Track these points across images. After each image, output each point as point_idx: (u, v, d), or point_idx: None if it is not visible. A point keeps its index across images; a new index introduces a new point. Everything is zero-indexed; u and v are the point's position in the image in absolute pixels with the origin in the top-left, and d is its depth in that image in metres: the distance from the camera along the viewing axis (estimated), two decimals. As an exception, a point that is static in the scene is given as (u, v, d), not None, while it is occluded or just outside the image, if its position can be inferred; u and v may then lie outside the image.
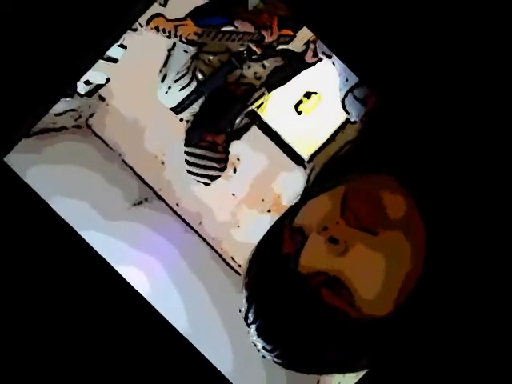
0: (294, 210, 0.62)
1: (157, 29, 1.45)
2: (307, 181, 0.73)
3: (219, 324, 1.96)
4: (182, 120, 1.70)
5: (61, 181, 1.89)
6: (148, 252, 2.03)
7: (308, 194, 0.65)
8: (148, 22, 1.44)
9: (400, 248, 0.56)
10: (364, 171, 0.61)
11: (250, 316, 0.60)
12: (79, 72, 0.68)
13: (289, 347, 0.59)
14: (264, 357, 0.62)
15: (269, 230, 0.65)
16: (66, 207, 1.72)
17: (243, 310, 0.62)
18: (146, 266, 1.98)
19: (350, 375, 0.63)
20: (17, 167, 0.70)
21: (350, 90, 0.86)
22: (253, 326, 0.60)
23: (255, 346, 0.62)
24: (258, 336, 0.60)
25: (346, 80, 0.90)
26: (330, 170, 0.70)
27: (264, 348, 0.60)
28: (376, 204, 0.57)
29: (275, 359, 0.61)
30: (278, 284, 0.58)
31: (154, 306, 0.68)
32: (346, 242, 0.55)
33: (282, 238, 0.60)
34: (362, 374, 0.62)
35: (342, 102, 0.89)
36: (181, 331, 0.68)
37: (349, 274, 0.55)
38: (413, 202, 0.57)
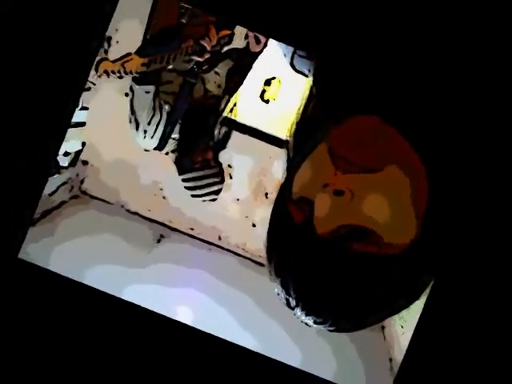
0: (287, 185, 0.62)
1: (106, 73, 1.46)
2: (288, 154, 0.73)
3: (274, 324, 1.95)
4: (167, 153, 1.75)
5: (79, 254, 1.92)
6: (185, 285, 2.04)
7: (293, 164, 0.64)
8: (96, 69, 1.46)
9: (400, 175, 0.56)
10: (337, 120, 0.60)
11: (291, 299, 0.59)
12: (54, 149, 0.70)
13: (338, 310, 0.58)
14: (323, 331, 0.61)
15: (272, 215, 0.66)
16: (94, 278, 1.77)
17: (282, 296, 0.61)
18: (189, 300, 1.99)
19: (408, 312, 0.63)
20: (35, 258, 0.71)
21: (294, 52, 0.89)
22: (297, 308, 0.59)
23: (307, 325, 0.61)
24: (307, 314, 0.59)
25: (287, 47, 0.92)
26: (304, 132, 0.69)
27: (316, 322, 0.60)
28: (362, 143, 0.57)
29: (331, 328, 0.60)
30: (304, 256, 0.57)
31: (216, 335, 0.70)
32: (350, 189, 0.55)
33: (289, 213, 0.60)
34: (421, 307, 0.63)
35: (292, 65, 0.92)
36: (248, 347, 0.69)
37: (365, 217, 0.55)
38: (395, 132, 0.57)
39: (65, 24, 0.67)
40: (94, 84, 1.94)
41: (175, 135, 1.69)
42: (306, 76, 0.89)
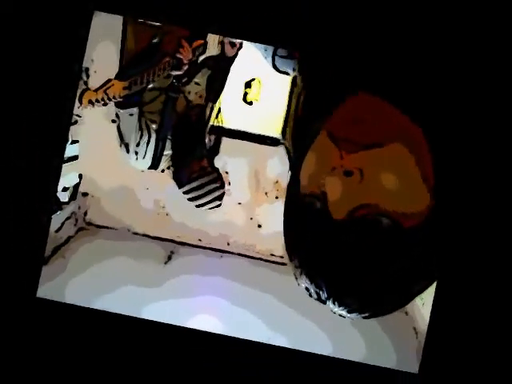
0: (294, 183, 0.62)
1: (90, 103, 1.46)
2: (288, 153, 0.73)
3: (298, 316, 1.94)
4: (163, 171, 1.76)
5: (95, 283, 1.94)
6: (203, 295, 2.05)
7: (296, 161, 0.63)
8: (80, 101, 1.47)
9: (405, 150, 0.55)
10: (331, 107, 0.60)
11: (322, 292, 0.58)
12: (53, 186, 0.71)
13: (371, 295, 0.58)
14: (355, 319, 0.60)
15: (285, 215, 0.64)
16: (113, 303, 1.79)
17: (312, 291, 0.60)
18: (211, 308, 1.99)
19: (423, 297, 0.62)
20: (53, 295, 0.71)
21: (274, 54, 0.89)
22: (329, 300, 0.58)
23: (342, 316, 0.60)
24: (340, 305, 0.58)
25: (265, 50, 0.94)
26: (301, 129, 0.69)
27: (350, 311, 0.59)
28: (361, 120, 0.57)
29: (365, 315, 0.59)
30: (327, 246, 0.56)
31: (246, 339, 0.70)
32: (359, 168, 0.55)
33: (302, 208, 0.59)
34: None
35: (274, 67, 0.92)
36: (277, 344, 0.70)
37: (377, 194, 0.54)
38: (389, 106, 0.57)
39: (41, 62, 0.69)
40: (80, 116, 1.96)
41: (167, 151, 1.70)
42: (289, 75, 0.90)
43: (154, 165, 1.68)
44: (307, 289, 0.61)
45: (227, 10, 0.67)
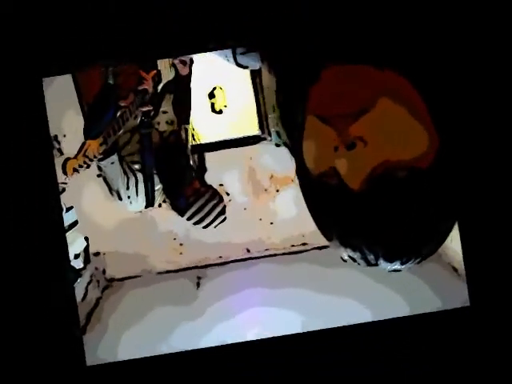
0: (301, 168, 0.63)
1: (75, 170, 1.48)
2: (286, 144, 0.73)
3: (343, 298, 1.94)
4: (160, 205, 1.77)
5: (139, 335, 1.94)
6: (246, 308, 2.05)
7: (295, 148, 0.65)
8: (65, 173, 1.47)
9: (394, 104, 0.56)
10: (305, 86, 0.61)
11: (370, 257, 0.60)
12: (64, 259, 0.71)
13: (412, 240, 0.59)
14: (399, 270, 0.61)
15: (306, 200, 0.65)
16: (169, 345, 1.77)
17: (359, 259, 0.61)
18: (260, 319, 1.99)
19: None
20: (105, 358, 0.73)
21: (234, 54, 0.88)
22: (380, 260, 0.60)
23: (396, 271, 0.62)
24: (391, 261, 0.60)
25: (226, 55, 0.91)
26: (285, 117, 0.70)
27: (403, 263, 0.60)
28: (342, 92, 0.57)
29: (418, 260, 0.61)
30: (357, 213, 0.57)
31: (310, 330, 0.71)
32: (359, 137, 0.56)
33: (320, 187, 0.60)
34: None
35: (238, 64, 0.90)
36: (326, 327, 0.72)
37: (385, 151, 0.56)
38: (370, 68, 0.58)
39: (9, 144, 0.69)
40: (66, 183, 1.96)
41: (158, 186, 1.71)
42: (259, 68, 0.90)
43: (150, 203, 1.69)
44: (353, 259, 0.62)
45: (166, 31, 0.67)
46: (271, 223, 2.33)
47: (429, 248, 0.61)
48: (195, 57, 1.75)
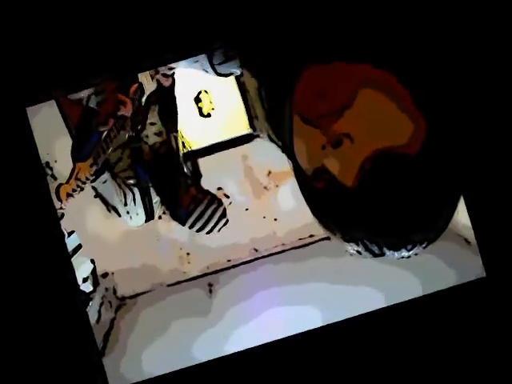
0: (297, 168, 0.64)
1: (69, 195, 1.48)
2: (278, 145, 0.74)
3: (359, 288, 1.92)
4: (160, 217, 1.77)
5: (160, 349, 1.94)
6: (262, 310, 2.03)
7: (288, 147, 0.65)
8: (59, 199, 1.47)
9: (374, 92, 0.56)
10: (288, 87, 0.61)
11: (375, 248, 0.61)
12: (73, 285, 0.71)
13: (417, 225, 0.59)
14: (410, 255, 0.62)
15: (305, 197, 0.66)
16: (193, 356, 1.76)
17: (364, 252, 0.62)
18: (276, 320, 1.98)
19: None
20: (128, 379, 0.73)
21: (211, 64, 0.89)
22: (385, 250, 0.61)
23: (405, 257, 0.62)
24: (397, 249, 0.60)
25: (203, 69, 0.93)
26: (275, 119, 0.70)
27: (409, 249, 0.60)
28: (323, 92, 0.57)
29: (424, 245, 0.61)
30: (356, 206, 0.58)
31: (334, 321, 0.72)
32: (345, 134, 0.56)
33: (317, 185, 0.61)
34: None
35: (219, 74, 0.92)
36: (346, 317, 0.73)
37: (373, 142, 0.56)
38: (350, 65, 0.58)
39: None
40: (63, 208, 1.95)
41: (155, 199, 1.70)
42: (240, 74, 0.90)
43: (150, 216, 1.69)
44: (359, 252, 0.63)
45: (146, 43, 0.67)
46: (275, 219, 2.32)
47: (432, 232, 0.61)
48: (176, 65, 1.74)
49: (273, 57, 0.67)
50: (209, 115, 2.15)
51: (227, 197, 2.21)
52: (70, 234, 1.97)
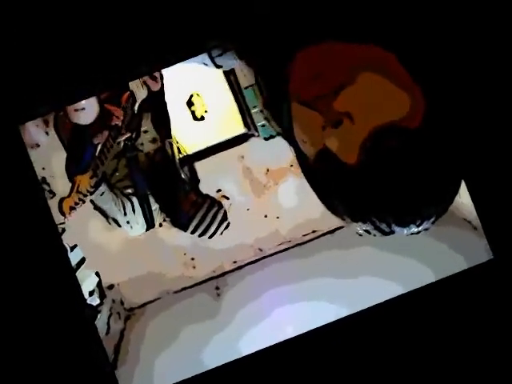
0: (300, 155, 0.64)
1: (72, 209, 1.49)
2: (281, 135, 0.73)
3: (367, 278, 1.89)
4: (161, 225, 1.76)
5: (171, 359, 1.92)
6: (272, 310, 2.01)
7: (288, 136, 0.66)
8: (62, 213, 1.48)
9: (375, 76, 0.57)
10: (283, 74, 0.61)
11: (383, 226, 0.61)
12: (80, 300, 0.72)
13: (425, 200, 0.59)
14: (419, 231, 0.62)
15: (311, 184, 0.67)
16: (207, 361, 1.75)
17: (373, 231, 0.62)
18: (287, 318, 1.94)
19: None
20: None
21: (211, 57, 0.89)
22: (394, 227, 0.61)
23: (414, 233, 0.62)
24: (406, 225, 0.61)
25: (204, 63, 0.93)
26: (271, 107, 0.72)
27: (418, 225, 0.61)
28: (319, 72, 0.58)
29: (432, 219, 0.61)
30: (361, 186, 0.58)
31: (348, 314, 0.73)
32: (344, 113, 0.57)
33: (320, 168, 0.61)
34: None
35: (218, 66, 0.93)
36: (358, 309, 0.73)
37: (373, 120, 0.56)
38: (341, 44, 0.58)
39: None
40: (64, 222, 1.95)
41: (155, 206, 1.70)
42: (230, 71, 0.93)
43: (150, 224, 1.69)
44: (368, 231, 0.63)
45: (135, 50, 0.68)
46: (277, 217, 2.31)
47: (439, 206, 0.61)
48: (165, 69, 1.73)
49: (266, 43, 0.67)
50: (202, 118, 2.14)
51: (227, 198, 2.21)
52: (72, 248, 1.96)
